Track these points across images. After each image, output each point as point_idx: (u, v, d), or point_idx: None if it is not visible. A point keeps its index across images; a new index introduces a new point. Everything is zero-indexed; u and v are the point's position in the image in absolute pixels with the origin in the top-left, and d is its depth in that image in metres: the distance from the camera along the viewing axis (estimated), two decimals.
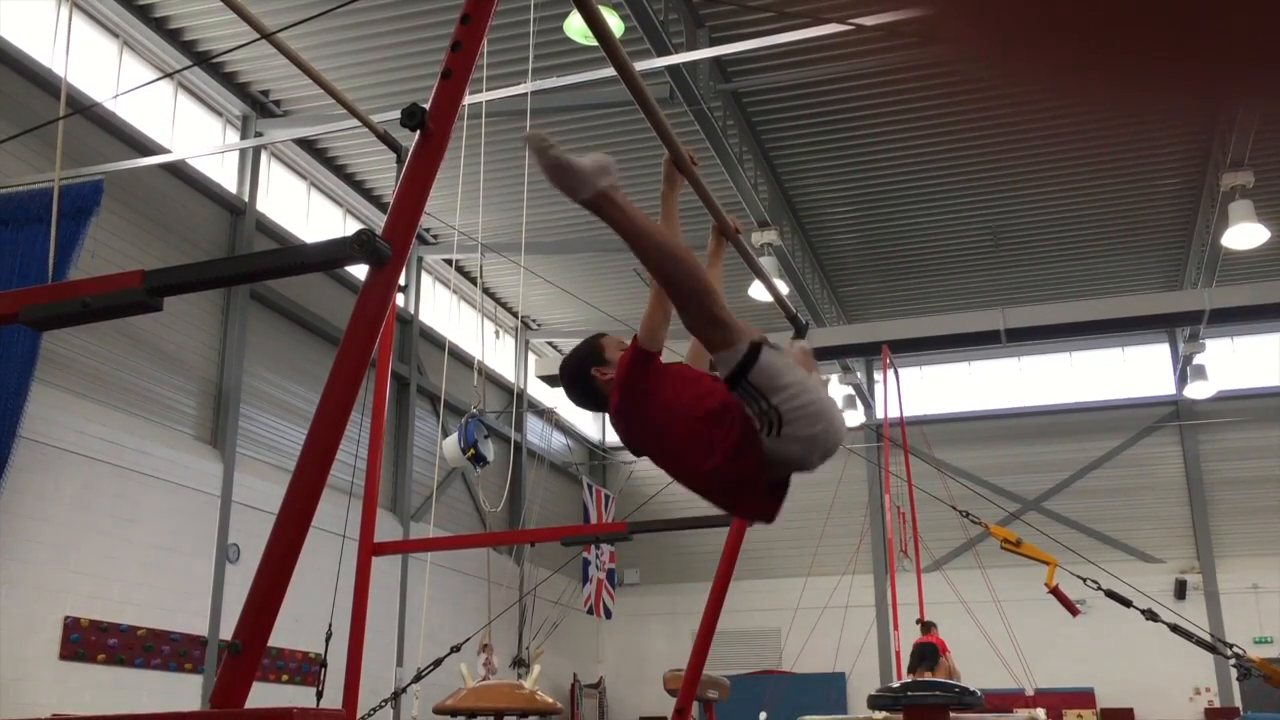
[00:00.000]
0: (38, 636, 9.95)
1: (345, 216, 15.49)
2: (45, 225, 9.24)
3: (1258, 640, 18.14)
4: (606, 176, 2.87)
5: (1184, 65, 0.66)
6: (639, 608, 22.09)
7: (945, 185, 15.32)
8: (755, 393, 2.93)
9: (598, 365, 3.25)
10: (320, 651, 5.29)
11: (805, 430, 2.95)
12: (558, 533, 8.30)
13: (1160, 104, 0.71)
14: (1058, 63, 0.66)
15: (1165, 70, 0.66)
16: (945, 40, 0.70)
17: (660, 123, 3.50)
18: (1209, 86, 0.68)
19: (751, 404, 2.95)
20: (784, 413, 2.93)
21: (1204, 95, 0.70)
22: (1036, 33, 0.64)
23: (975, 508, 11.40)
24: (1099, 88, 0.66)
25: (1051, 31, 0.64)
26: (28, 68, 10.44)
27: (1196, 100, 0.71)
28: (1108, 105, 0.72)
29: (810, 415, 2.96)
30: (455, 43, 2.61)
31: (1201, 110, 0.71)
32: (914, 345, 17.63)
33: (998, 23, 0.64)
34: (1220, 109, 0.72)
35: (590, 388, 3.28)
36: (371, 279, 2.40)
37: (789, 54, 12.28)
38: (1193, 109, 0.71)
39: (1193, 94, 0.70)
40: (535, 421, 20.54)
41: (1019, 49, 0.66)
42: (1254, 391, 20.45)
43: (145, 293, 2.41)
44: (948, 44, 0.69)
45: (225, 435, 12.65)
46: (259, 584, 2.23)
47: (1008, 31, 0.65)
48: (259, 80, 13.12)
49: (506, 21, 11.01)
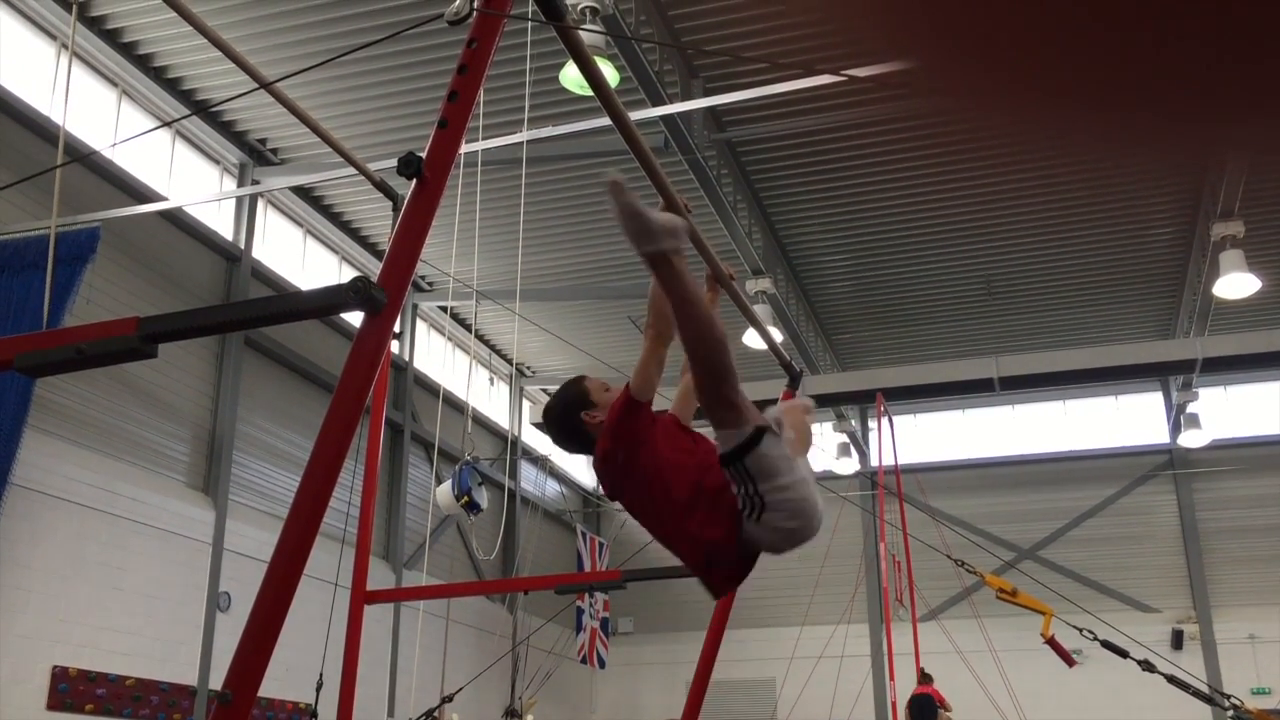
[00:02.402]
0: (25, 686, 9.84)
1: (341, 264, 15.53)
2: (41, 272, 9.24)
3: (1255, 691, 18.00)
4: (675, 239, 2.89)
5: (1174, 117, 0.64)
6: (633, 657, 21.91)
7: (939, 234, 15.41)
8: (746, 476, 2.96)
9: (586, 409, 3.25)
10: (311, 701, 5.25)
11: (783, 523, 3.00)
12: (551, 581, 8.26)
13: (1149, 154, 0.71)
14: (1043, 114, 0.66)
15: (1154, 123, 0.65)
16: (930, 92, 0.70)
17: (655, 171, 3.53)
18: (1200, 137, 0.66)
19: (740, 485, 2.98)
20: (768, 502, 2.96)
21: (1195, 146, 0.69)
22: (1022, 86, 0.64)
23: (970, 556, 11.36)
24: (1086, 138, 0.66)
25: (1036, 84, 0.63)
26: (26, 116, 10.50)
27: (1187, 151, 0.70)
28: (1095, 155, 0.71)
29: (792, 511, 3.01)
30: (452, 93, 2.64)
31: (1191, 160, 0.70)
32: (908, 393, 17.65)
33: (983, 75, 0.64)
34: (1211, 158, 0.71)
35: (579, 431, 3.27)
36: (367, 326, 2.41)
37: (783, 104, 12.39)
38: (1182, 159, 0.71)
39: (1183, 145, 0.68)
40: (529, 469, 20.49)
41: (1005, 101, 0.66)
42: (1248, 440, 20.46)
43: (140, 339, 2.41)
44: (933, 96, 0.70)
45: (218, 482, 12.59)
46: (250, 632, 2.21)
47: (994, 84, 0.65)
48: (256, 129, 13.21)
49: (502, 71, 11.11)
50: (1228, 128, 0.65)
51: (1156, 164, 1.82)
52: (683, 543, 3.16)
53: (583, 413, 3.25)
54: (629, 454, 3.12)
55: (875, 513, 15.18)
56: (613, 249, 15.65)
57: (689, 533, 3.08)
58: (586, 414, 3.24)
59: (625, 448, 3.12)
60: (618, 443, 3.12)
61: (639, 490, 3.16)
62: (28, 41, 10.88)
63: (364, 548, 5.50)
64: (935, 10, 0.61)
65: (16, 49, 10.73)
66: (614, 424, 3.11)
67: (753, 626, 19.79)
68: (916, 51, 0.64)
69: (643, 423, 3.12)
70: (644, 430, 3.12)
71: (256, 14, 11.05)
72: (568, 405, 3.29)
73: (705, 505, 3.04)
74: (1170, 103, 0.63)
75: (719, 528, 3.02)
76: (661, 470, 3.10)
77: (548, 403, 3.42)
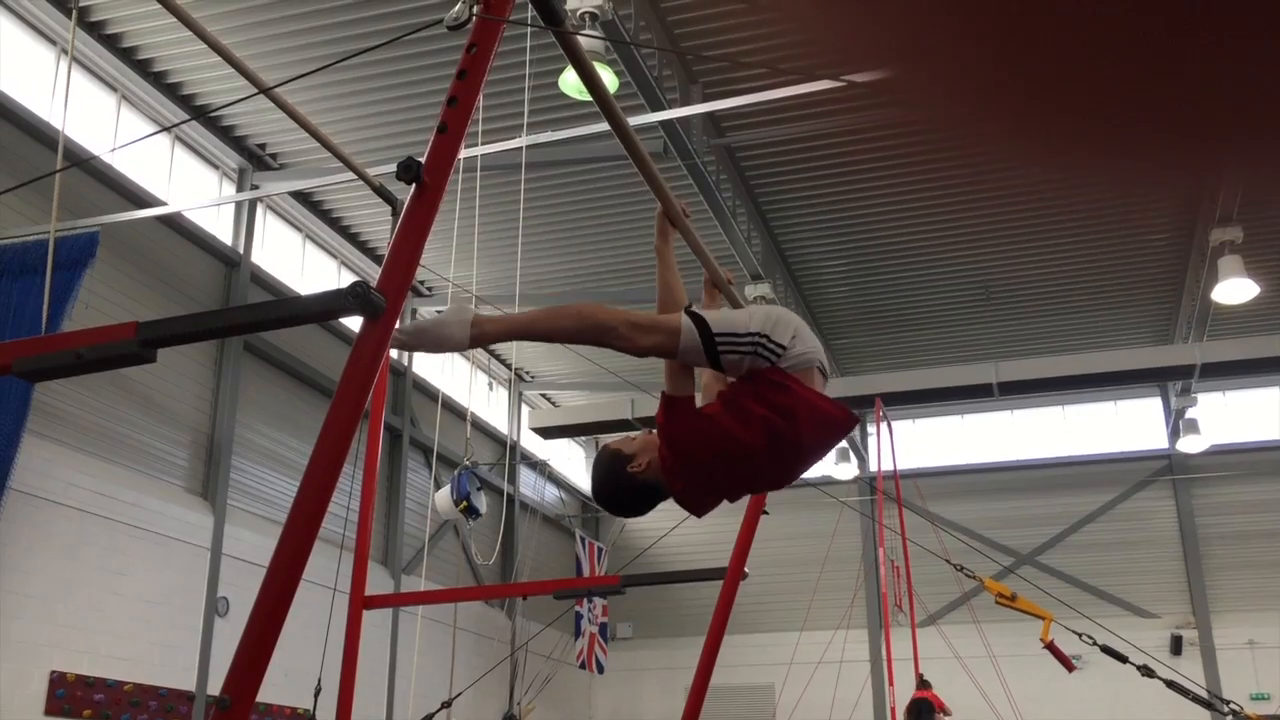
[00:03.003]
0: (23, 691, 9.83)
1: (340, 269, 15.53)
2: (40, 276, 9.25)
3: (1255, 696, 18.00)
4: (464, 314, 2.95)
5: (1168, 137, 0.63)
6: (632, 662, 21.89)
7: (937, 239, 15.42)
8: (733, 340, 3.09)
9: (628, 463, 3.23)
10: (310, 707, 5.24)
11: (788, 333, 3.13)
12: (550, 586, 8.26)
13: (1141, 178, 0.69)
14: (1032, 131, 0.65)
15: (1148, 143, 0.63)
16: (912, 102, 0.69)
17: (654, 176, 3.54)
18: (1195, 160, 0.65)
19: (741, 351, 3.08)
20: (767, 334, 3.10)
21: (1188, 168, 0.67)
22: (1013, 99, 0.63)
23: (969, 561, 11.36)
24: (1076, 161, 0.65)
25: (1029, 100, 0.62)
26: (26, 120, 10.51)
27: (1180, 174, 0.69)
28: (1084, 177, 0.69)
29: (777, 320, 3.17)
30: (451, 98, 2.64)
31: (1184, 184, 0.69)
32: (907, 398, 17.65)
33: (969, 87, 0.63)
34: (1204, 181, 0.70)
35: (637, 486, 3.24)
36: (366, 331, 2.41)
37: (782, 109, 12.40)
38: (1175, 182, 0.69)
39: (1177, 168, 0.67)
40: (528, 474, 20.49)
41: (993, 116, 0.65)
42: (1247, 446, 20.46)
43: (139, 344, 2.41)
44: (915, 106, 0.69)
45: (216, 487, 12.58)
46: (248, 638, 2.21)
47: (981, 96, 0.63)
48: (256, 134, 13.22)
49: (502, 76, 11.11)
50: (1223, 150, 0.64)
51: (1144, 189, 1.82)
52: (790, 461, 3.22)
53: (629, 467, 3.23)
54: (697, 439, 3.15)
55: (874, 518, 15.18)
56: (611, 254, 15.67)
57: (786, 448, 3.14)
58: (633, 466, 3.23)
59: (692, 437, 3.15)
60: (681, 441, 3.14)
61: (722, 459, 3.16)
62: (27, 46, 10.89)
63: (363, 553, 5.50)
64: (911, 21, 0.61)
65: (16, 53, 10.74)
66: (668, 429, 3.15)
67: (752, 631, 19.77)
68: (889, 61, 0.64)
69: (690, 413, 3.18)
70: (694, 418, 3.18)
71: (256, 19, 11.06)
72: (610, 474, 3.28)
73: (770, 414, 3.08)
74: (1163, 123, 0.62)
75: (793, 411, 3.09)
76: (730, 439, 3.13)
77: (593, 489, 3.40)
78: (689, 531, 11.27)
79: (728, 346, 3.07)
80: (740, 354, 3.08)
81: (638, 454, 3.22)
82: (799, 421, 3.10)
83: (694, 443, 3.14)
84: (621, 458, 3.24)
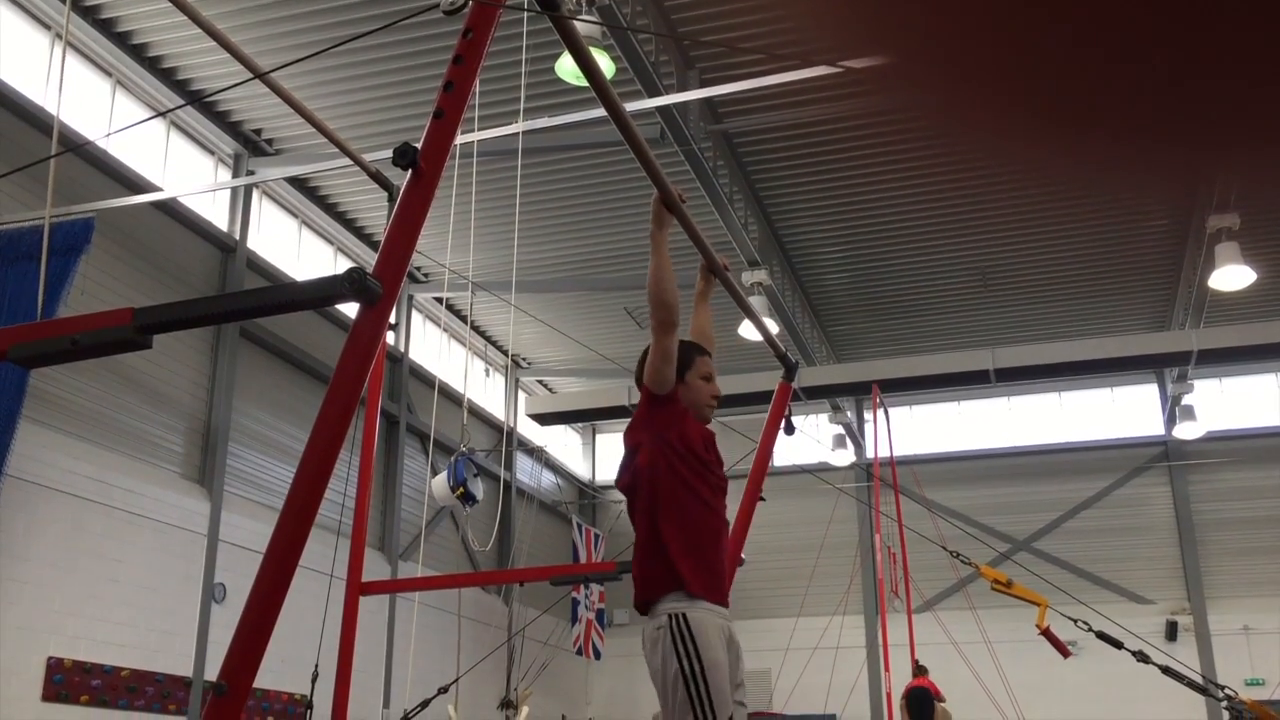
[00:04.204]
0: (20, 677, 9.84)
1: (336, 254, 15.50)
2: (35, 262, 9.23)
3: (1249, 682, 18.06)
4: None
5: (1164, 139, 0.63)
6: (629, 648, 21.91)
7: (935, 226, 15.41)
8: None
9: None
10: (306, 693, 5.25)
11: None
12: (547, 572, 8.27)
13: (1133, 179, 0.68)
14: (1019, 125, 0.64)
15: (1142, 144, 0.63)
16: (906, 90, 0.68)
17: (650, 163, 3.52)
18: (1192, 163, 0.65)
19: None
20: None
21: (1183, 172, 0.67)
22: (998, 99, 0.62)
23: (965, 548, 11.38)
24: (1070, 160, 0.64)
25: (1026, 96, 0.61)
26: (20, 106, 10.48)
27: (1173, 178, 0.68)
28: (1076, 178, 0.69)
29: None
30: (447, 83, 2.63)
31: (1178, 187, 0.68)
32: (904, 385, 17.65)
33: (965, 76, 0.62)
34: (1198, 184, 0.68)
35: None
36: (362, 317, 2.40)
37: (779, 95, 12.37)
38: (1168, 186, 0.69)
39: (1170, 172, 0.67)
40: (525, 460, 20.49)
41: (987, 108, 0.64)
42: (1243, 432, 20.49)
43: (135, 330, 2.40)
44: (909, 94, 0.68)
45: (213, 474, 12.58)
46: (245, 624, 2.21)
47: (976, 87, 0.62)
48: (251, 119, 13.17)
49: (498, 62, 11.08)
50: (1219, 153, 0.64)
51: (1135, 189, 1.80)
52: None
53: None
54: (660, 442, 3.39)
55: (871, 504, 15.20)
56: (608, 240, 15.64)
57: None
58: None
59: (655, 435, 3.38)
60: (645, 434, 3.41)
61: None
62: (22, 31, 10.84)
63: (359, 539, 5.50)
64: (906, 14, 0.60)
65: (11, 39, 10.69)
66: (643, 418, 3.28)
67: (748, 617, 19.79)
68: (883, 48, 0.62)
69: (674, 411, 3.30)
70: (676, 417, 3.31)
71: (251, 4, 11.01)
72: None
73: None
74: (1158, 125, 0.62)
75: None
76: None
77: None
78: None
79: None
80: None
81: None
82: None
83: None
84: None
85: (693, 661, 3.11)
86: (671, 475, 3.34)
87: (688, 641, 3.09)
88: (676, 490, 3.33)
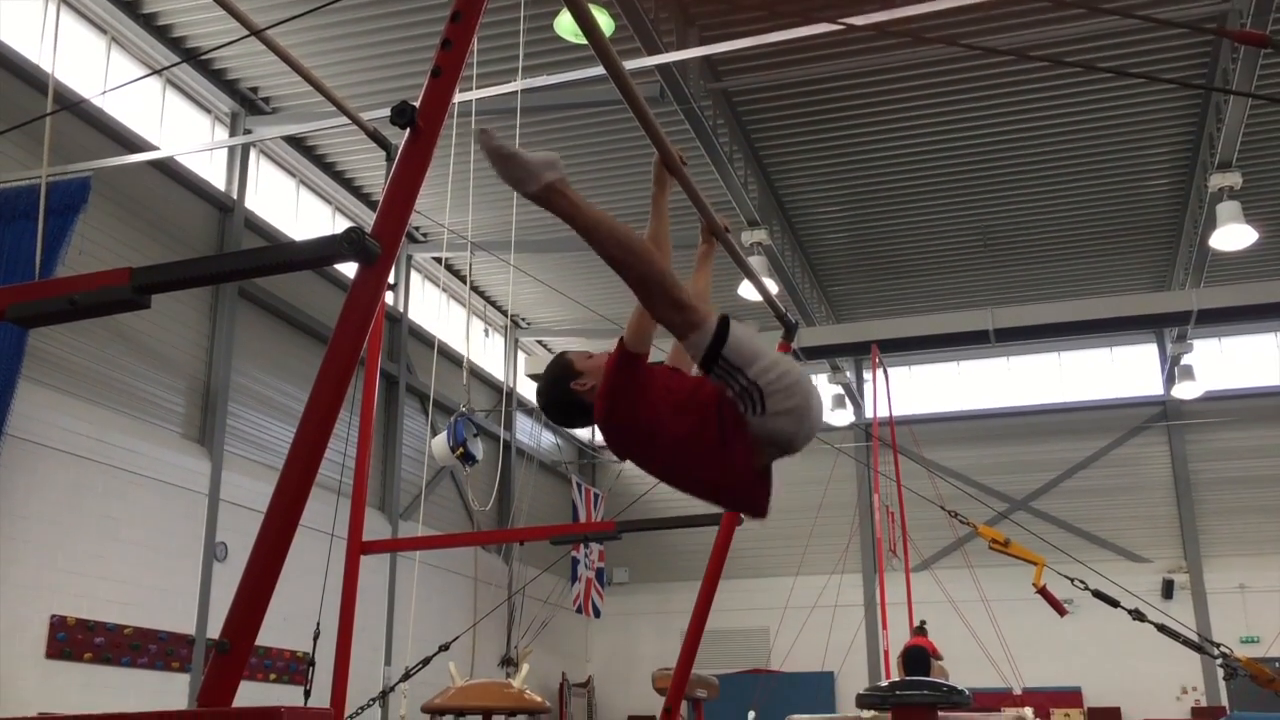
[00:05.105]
0: (24, 635, 9.91)
1: (335, 214, 15.46)
2: (32, 222, 9.20)
3: (1244, 640, 18.21)
4: (553, 169, 2.88)
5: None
6: (628, 607, 22.08)
7: (935, 185, 15.35)
8: (731, 370, 2.92)
9: (574, 379, 3.22)
10: (308, 650, 5.29)
11: (786, 403, 2.94)
12: (546, 531, 8.30)
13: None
14: None
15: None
16: None
17: (650, 122, 3.50)
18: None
19: (730, 382, 2.93)
20: (763, 387, 2.91)
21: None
22: None
23: (963, 507, 11.43)
24: None
25: None
26: (15, 64, 10.40)
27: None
28: None
29: (789, 387, 2.94)
30: (445, 40, 2.60)
31: None
32: (903, 345, 17.67)
33: None
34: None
35: (571, 402, 3.24)
36: (361, 277, 2.39)
37: (780, 53, 12.28)
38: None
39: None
40: (524, 420, 20.54)
41: None
42: (1241, 392, 20.54)
43: (133, 290, 2.39)
44: None
45: (213, 433, 12.61)
46: (246, 582, 2.22)
47: None
48: (248, 77, 13.08)
49: (497, 19, 10.99)
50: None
51: None
52: (701, 475, 3.13)
53: (571, 383, 3.22)
54: (630, 407, 3.09)
55: (869, 464, 15.25)
56: (608, 200, 15.58)
57: (705, 460, 3.05)
58: (576, 383, 3.21)
59: (625, 401, 3.09)
60: (616, 398, 3.09)
61: (647, 440, 3.13)
62: None
63: (359, 498, 5.51)
64: None
65: None
66: (609, 380, 3.09)
67: (747, 576, 19.94)
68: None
69: (639, 373, 3.10)
70: (641, 380, 3.10)
71: None
72: (554, 380, 3.26)
73: (712, 425, 3.00)
74: None
75: (734, 442, 2.99)
76: (663, 415, 3.07)
77: (538, 386, 3.40)
78: None
79: (724, 371, 2.93)
80: (727, 383, 2.95)
81: (587, 374, 3.21)
82: (728, 472, 3.05)
83: (629, 402, 3.09)
84: (570, 372, 3.24)
85: None
86: None
87: None
88: None
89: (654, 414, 3.09)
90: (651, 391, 3.11)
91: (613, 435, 3.19)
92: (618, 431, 3.16)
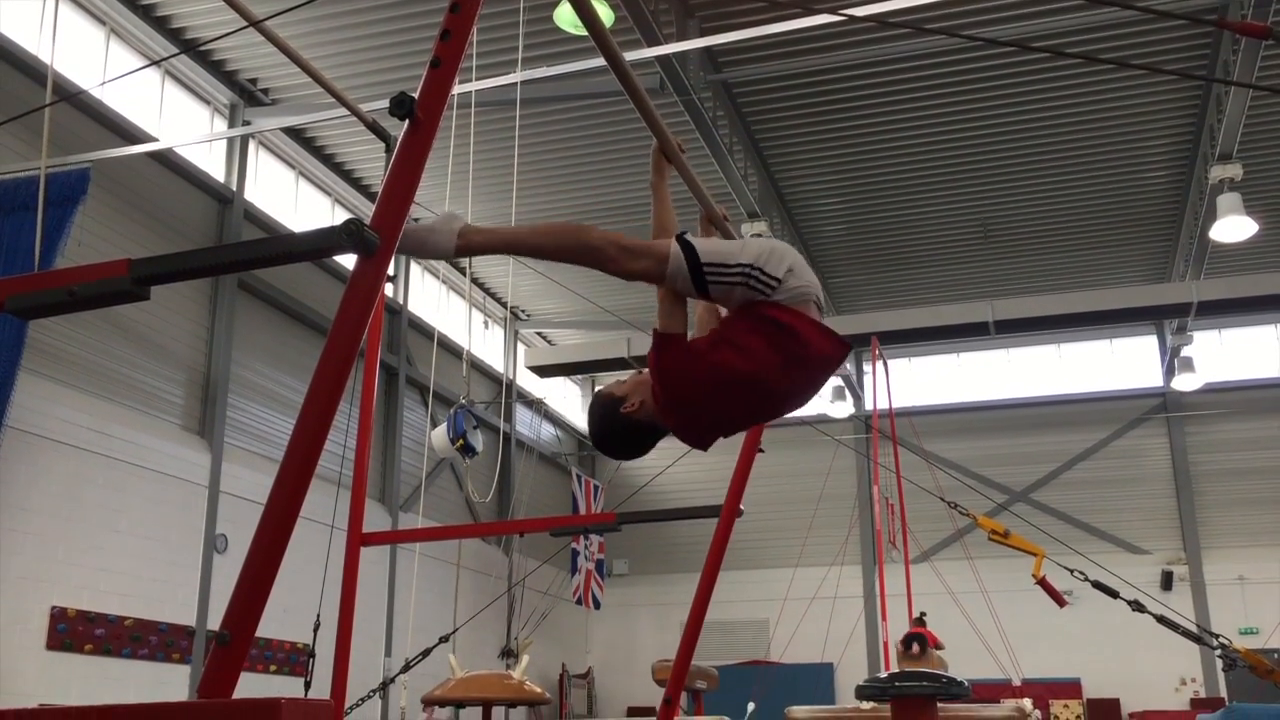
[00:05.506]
0: (25, 626, 9.92)
1: (334, 206, 15.44)
2: (31, 213, 9.19)
3: (1243, 631, 18.24)
4: (457, 219, 2.92)
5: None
6: (628, 598, 22.11)
7: (935, 177, 15.34)
8: (722, 271, 3.00)
9: (622, 405, 3.19)
10: (308, 642, 5.29)
11: (782, 267, 3.02)
12: (546, 523, 8.29)
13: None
14: None
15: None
16: None
17: (650, 113, 3.49)
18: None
19: (732, 282, 3.00)
20: (757, 265, 3.00)
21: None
22: None
23: (963, 499, 11.44)
24: None
25: None
26: (14, 55, 10.37)
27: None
28: None
29: (771, 252, 3.05)
30: (444, 31, 2.60)
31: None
32: (903, 336, 17.66)
33: None
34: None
35: (630, 426, 3.20)
36: (360, 269, 2.39)
37: (780, 44, 12.27)
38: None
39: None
40: (524, 412, 20.55)
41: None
42: (1241, 384, 20.55)
43: (132, 282, 2.39)
44: None
45: (213, 425, 12.61)
46: (247, 574, 2.22)
47: None
48: (247, 69, 13.06)
49: (496, 10, 10.97)
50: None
51: None
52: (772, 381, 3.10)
53: (622, 409, 3.19)
54: (690, 385, 3.08)
55: (869, 455, 15.25)
56: (607, 191, 15.58)
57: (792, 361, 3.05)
58: (625, 408, 3.18)
59: (685, 383, 3.07)
60: (673, 378, 3.07)
61: (720, 396, 3.09)
62: None
63: (359, 490, 5.51)
64: None
65: None
66: (661, 370, 3.07)
67: (747, 568, 19.95)
68: None
69: (684, 351, 3.09)
70: (690, 353, 3.09)
71: None
72: (605, 416, 3.23)
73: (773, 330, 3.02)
74: None
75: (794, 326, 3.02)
76: (732, 363, 3.04)
77: (591, 436, 3.34)
78: (685, 469, 11.32)
79: (715, 276, 3.00)
80: (728, 284, 3.01)
81: (630, 394, 3.19)
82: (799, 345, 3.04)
83: (686, 379, 3.09)
84: (614, 400, 3.21)
85: None
86: None
87: None
88: None
89: (722, 365, 3.05)
90: (706, 355, 3.09)
91: (685, 419, 3.15)
92: (687, 408, 3.12)
